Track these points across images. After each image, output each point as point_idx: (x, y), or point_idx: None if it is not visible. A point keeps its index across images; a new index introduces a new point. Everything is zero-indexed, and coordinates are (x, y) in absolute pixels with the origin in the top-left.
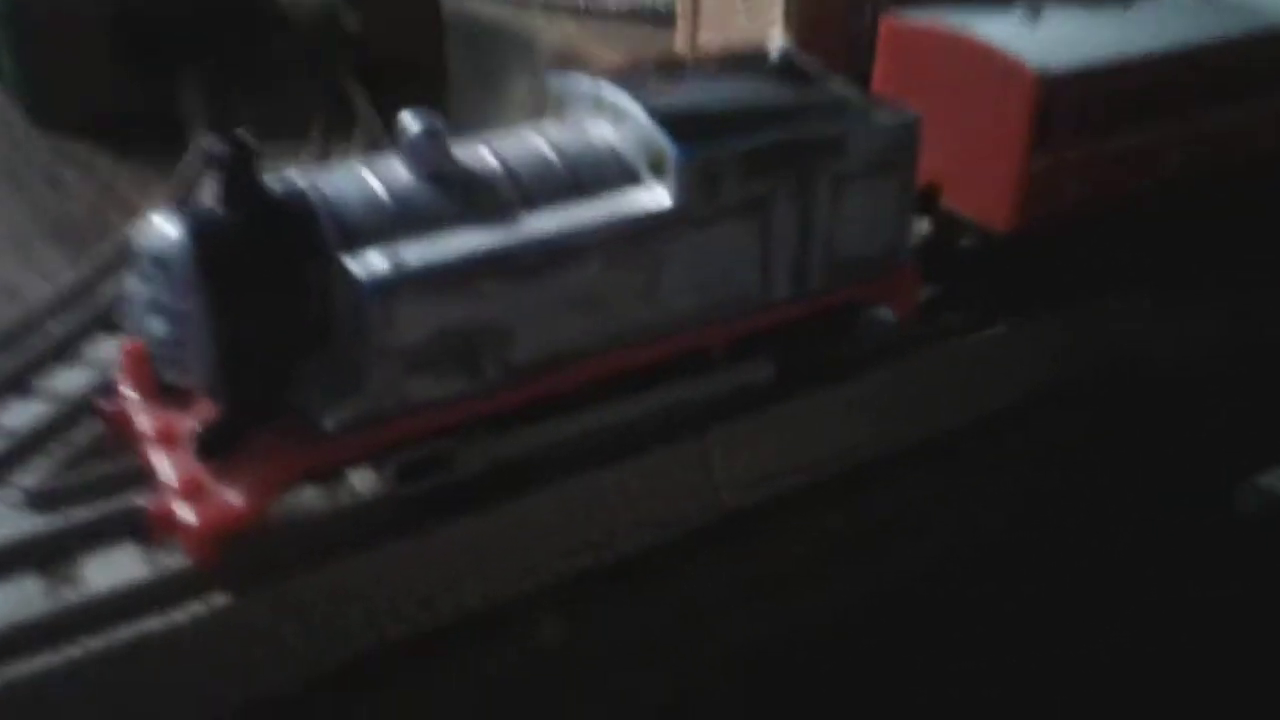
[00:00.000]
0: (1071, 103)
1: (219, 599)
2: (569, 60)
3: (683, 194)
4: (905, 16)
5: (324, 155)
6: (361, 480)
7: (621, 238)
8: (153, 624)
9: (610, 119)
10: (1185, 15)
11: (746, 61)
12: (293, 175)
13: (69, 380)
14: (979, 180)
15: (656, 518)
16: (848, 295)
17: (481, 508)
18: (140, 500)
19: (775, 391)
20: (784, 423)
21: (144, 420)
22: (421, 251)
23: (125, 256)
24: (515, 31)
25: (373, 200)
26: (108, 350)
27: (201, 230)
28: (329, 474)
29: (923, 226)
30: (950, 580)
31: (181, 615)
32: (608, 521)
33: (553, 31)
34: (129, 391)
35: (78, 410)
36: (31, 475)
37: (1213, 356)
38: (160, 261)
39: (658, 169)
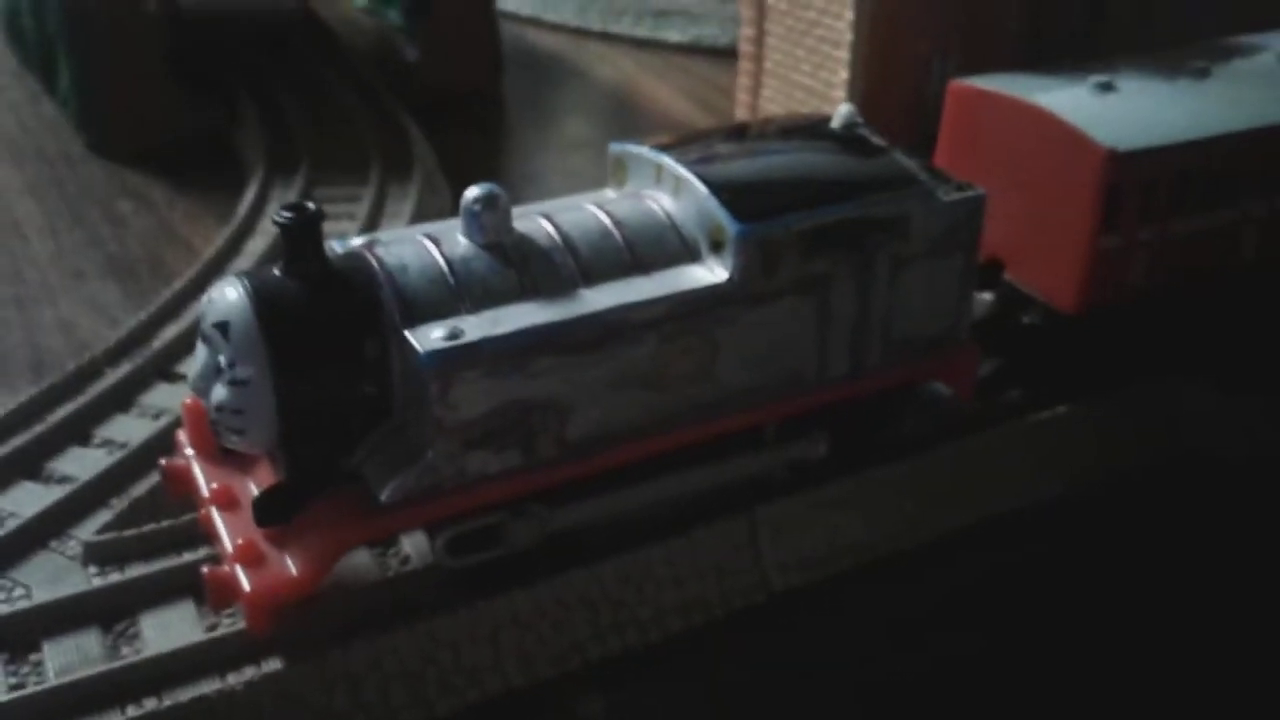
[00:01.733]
0: (1143, 180)
1: (272, 666)
2: (625, 95)
3: (741, 271)
4: (974, 80)
5: (382, 195)
6: (413, 542)
7: (679, 315)
8: (209, 687)
9: (670, 191)
10: (1265, 88)
11: (810, 130)
12: (355, 243)
13: (127, 429)
14: (1044, 255)
15: (703, 598)
16: (905, 374)
17: (530, 582)
18: (199, 560)
19: (827, 470)
20: (835, 503)
21: (203, 481)
22: (481, 326)
23: (182, 302)
24: (572, 63)
25: (434, 272)
26: (165, 399)
27: (265, 296)
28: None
29: (985, 300)
30: (999, 667)
31: (236, 681)
32: (654, 599)
33: (610, 65)
34: (188, 449)
35: (137, 461)
36: (90, 527)
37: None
38: (224, 327)
39: (717, 245)
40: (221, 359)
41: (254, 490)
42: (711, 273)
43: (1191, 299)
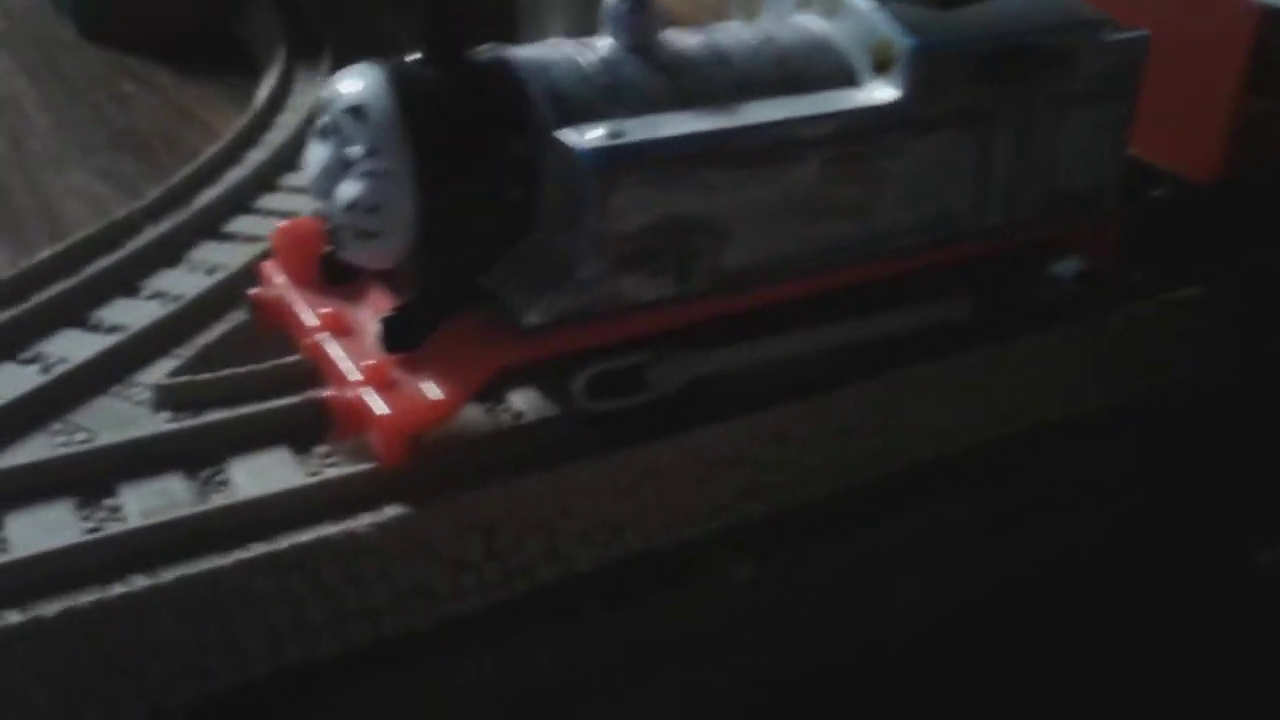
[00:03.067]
0: None
1: (399, 508)
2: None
3: (911, 89)
4: None
5: None
6: (525, 398)
7: (846, 135)
8: (328, 531)
9: (821, 12)
10: None
11: None
12: (495, 48)
13: (178, 282)
14: (1178, 124)
15: (849, 461)
16: (1054, 232)
17: (672, 433)
18: (291, 404)
19: (970, 335)
20: (978, 371)
21: (308, 308)
22: (642, 128)
23: (220, 167)
24: None
25: (583, 75)
26: (217, 255)
27: (407, 80)
28: (526, 371)
29: None
30: (1121, 549)
31: (358, 523)
32: (799, 461)
33: None
34: (282, 279)
35: (200, 310)
36: (155, 374)
37: None
38: (359, 111)
39: (882, 65)
40: (355, 150)
41: (368, 317)
42: (876, 94)
43: None
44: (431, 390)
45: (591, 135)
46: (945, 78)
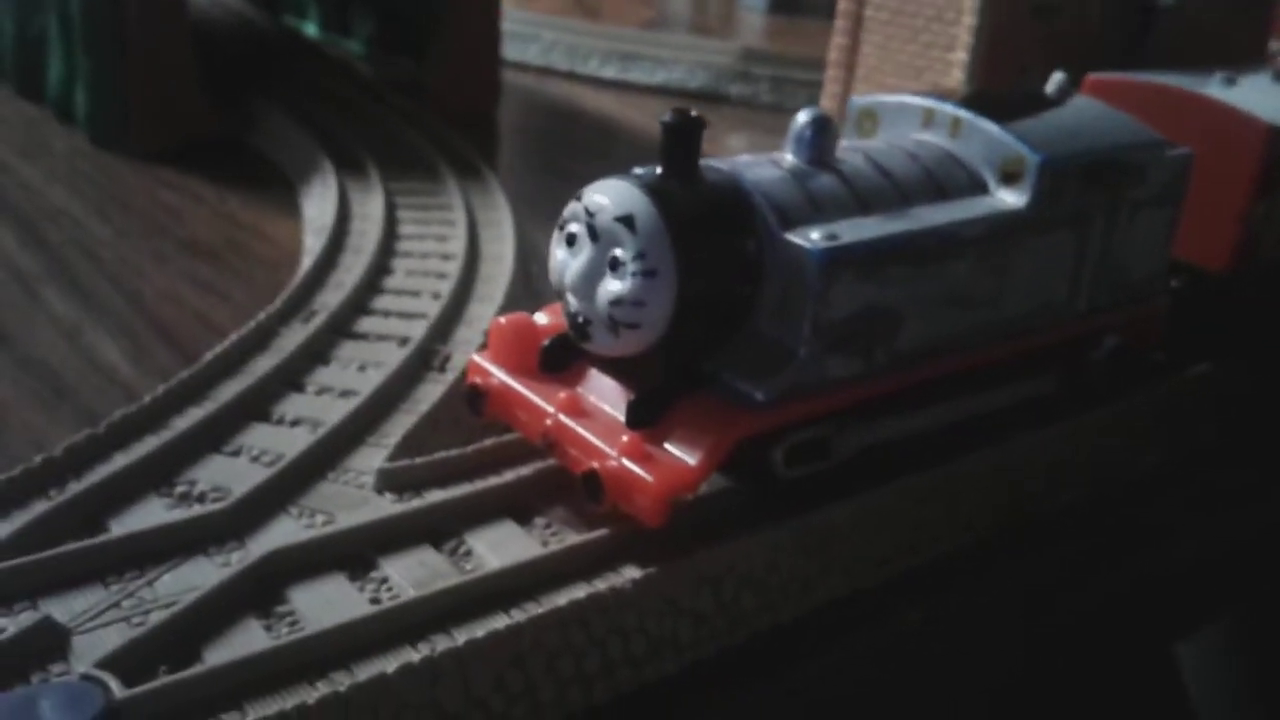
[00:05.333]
0: None
1: (647, 568)
2: (611, 125)
3: (1038, 197)
4: (1111, 75)
5: (465, 193)
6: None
7: (990, 235)
8: (599, 589)
9: (946, 133)
10: None
11: (1027, 95)
12: (707, 160)
13: (338, 377)
14: (1195, 225)
15: (984, 518)
16: (1121, 317)
17: (851, 494)
18: (507, 483)
19: (1058, 408)
20: (1069, 438)
21: (537, 393)
22: (851, 231)
23: (322, 273)
24: (554, 95)
25: (788, 185)
26: (364, 353)
27: (665, 194)
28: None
29: None
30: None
31: (622, 581)
32: (950, 515)
33: (589, 101)
34: (497, 370)
35: (380, 403)
36: (367, 460)
37: None
38: (629, 220)
39: (1010, 177)
40: (621, 253)
41: (591, 399)
42: (1011, 199)
43: None
44: (687, 458)
45: (815, 237)
46: (1060, 186)
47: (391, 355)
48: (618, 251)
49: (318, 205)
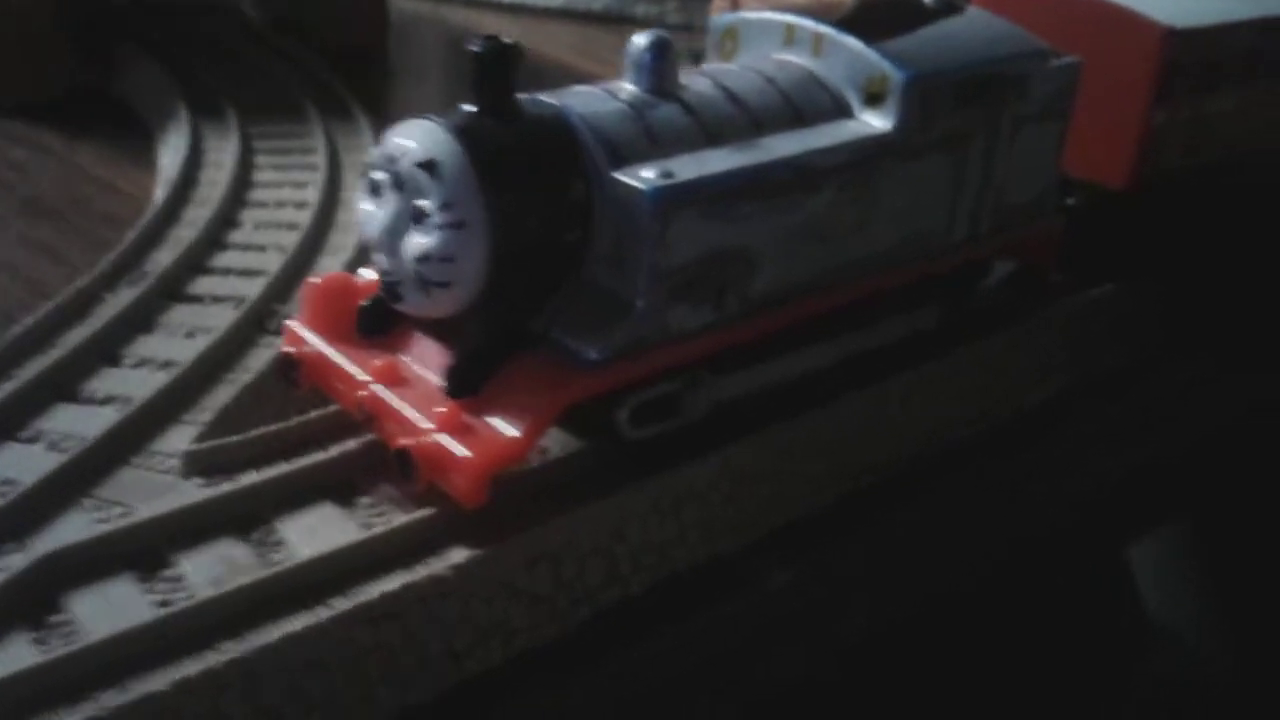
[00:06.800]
0: (1191, 59)
1: (475, 550)
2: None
3: (905, 119)
4: None
5: (329, 136)
6: (549, 438)
7: (852, 163)
8: (413, 578)
9: (808, 51)
10: None
11: (906, 7)
12: (531, 95)
13: (160, 347)
14: (1090, 138)
15: (857, 464)
16: (1008, 242)
17: (703, 454)
18: (329, 460)
19: (941, 341)
20: (954, 372)
21: (354, 361)
22: (690, 167)
23: (161, 228)
24: (451, 27)
25: (623, 117)
26: (192, 318)
27: (474, 133)
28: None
29: None
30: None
31: (443, 568)
32: (813, 468)
33: (488, 27)
34: (311, 335)
35: (197, 375)
36: (171, 442)
37: None
38: (431, 166)
39: (875, 98)
40: (427, 203)
41: (418, 366)
42: (872, 124)
43: (1222, 183)
44: (509, 429)
45: (648, 175)
46: (931, 107)
47: (224, 319)
48: (422, 202)
49: (171, 155)
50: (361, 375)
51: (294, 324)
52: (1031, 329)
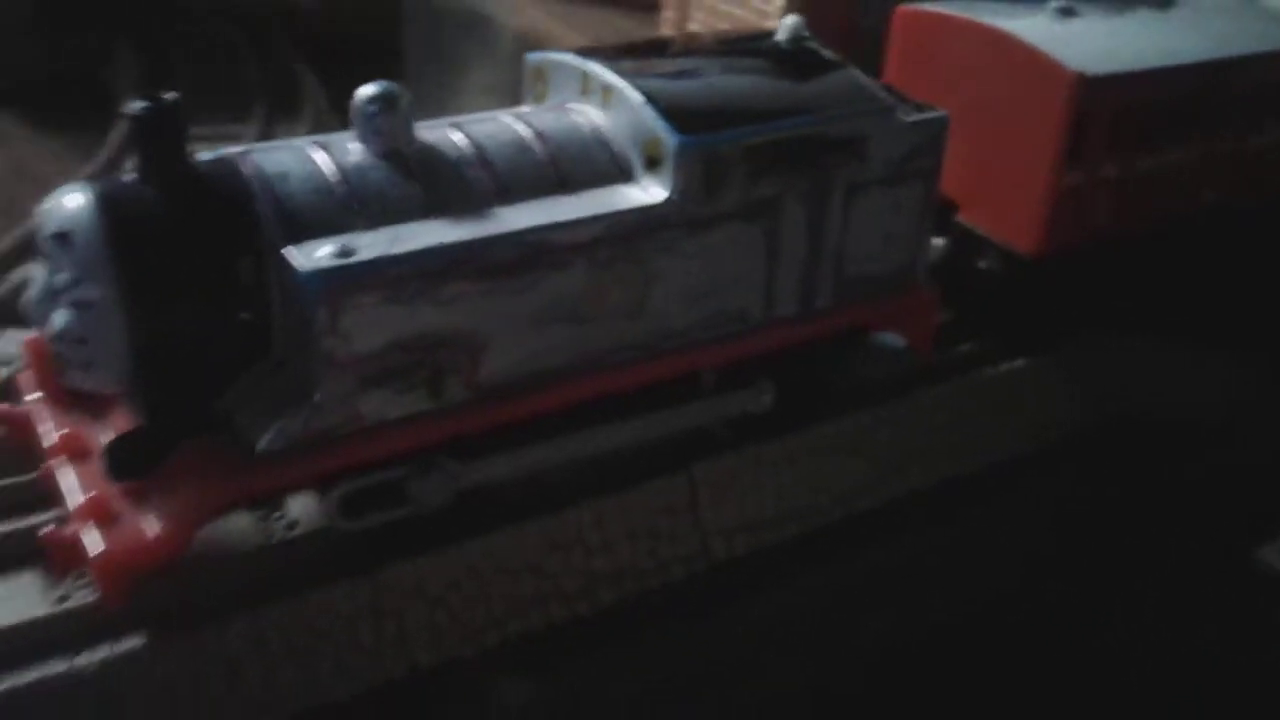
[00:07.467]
0: (1111, 110)
1: (132, 643)
2: (534, 45)
3: (681, 189)
4: (925, 5)
5: (266, 137)
6: (302, 508)
7: (611, 237)
8: (55, 668)
9: (598, 102)
10: (1229, 20)
11: (751, 44)
12: (226, 151)
13: None
14: (1002, 195)
15: (637, 566)
16: (858, 316)
17: (437, 548)
18: (44, 523)
19: (772, 424)
20: (781, 461)
21: (47, 428)
22: (378, 244)
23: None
24: (476, 13)
25: (320, 181)
26: (15, 346)
27: (115, 202)
28: (263, 501)
29: (937, 245)
30: (949, 643)
31: (89, 660)
32: (583, 567)
33: (515, 16)
34: (32, 394)
35: None
36: None
37: (1242, 406)
38: (64, 238)
39: (653, 162)
40: (62, 277)
41: (104, 438)
42: (647, 192)
43: (1154, 244)
44: (151, 526)
45: (319, 254)
46: (718, 174)
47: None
48: (60, 276)
49: (104, 157)
50: (49, 443)
51: (23, 377)
52: (893, 410)
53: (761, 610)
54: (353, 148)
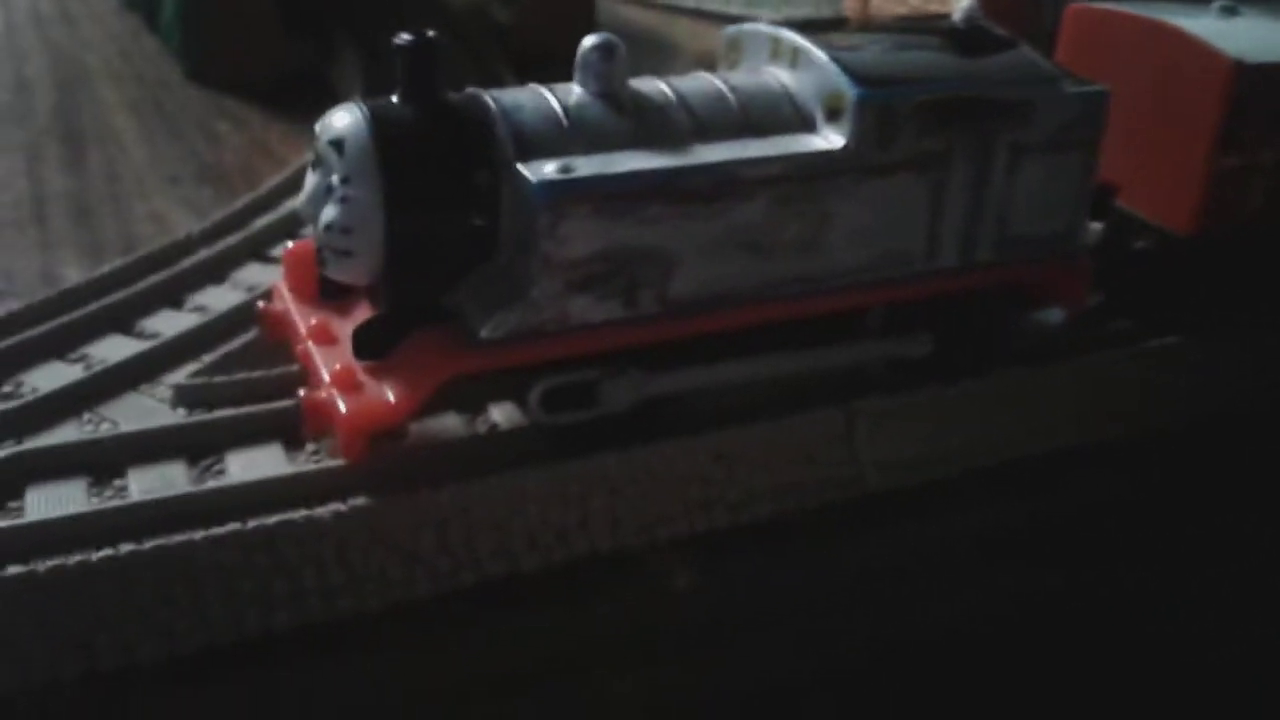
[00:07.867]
0: (1268, 96)
1: (360, 499)
2: (710, 69)
3: (857, 138)
4: (1096, 3)
5: None
6: (502, 412)
7: (792, 176)
8: (293, 515)
9: (788, 64)
10: None
11: (929, 24)
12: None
13: (220, 297)
14: (1160, 177)
15: (798, 484)
16: (1015, 275)
17: (622, 448)
18: (289, 407)
19: (930, 370)
20: (936, 406)
21: (301, 319)
22: (593, 165)
23: (275, 198)
24: (664, 38)
25: (547, 113)
26: (258, 276)
27: (382, 118)
28: (472, 398)
29: (1096, 228)
30: (1080, 599)
31: (323, 512)
32: (746, 481)
33: (701, 41)
34: (288, 294)
35: (228, 322)
36: (181, 375)
37: None
38: (339, 144)
39: (835, 113)
40: (334, 178)
41: (348, 327)
42: (827, 140)
43: None
44: (387, 393)
45: (546, 169)
46: (892, 125)
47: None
48: (332, 176)
49: None
50: (302, 331)
51: (279, 283)
52: (1050, 373)
53: (909, 542)
54: (575, 89)
